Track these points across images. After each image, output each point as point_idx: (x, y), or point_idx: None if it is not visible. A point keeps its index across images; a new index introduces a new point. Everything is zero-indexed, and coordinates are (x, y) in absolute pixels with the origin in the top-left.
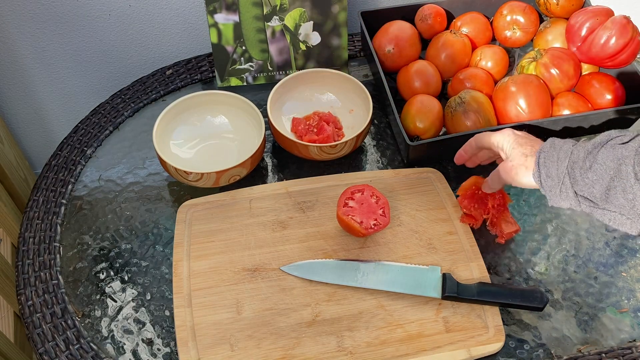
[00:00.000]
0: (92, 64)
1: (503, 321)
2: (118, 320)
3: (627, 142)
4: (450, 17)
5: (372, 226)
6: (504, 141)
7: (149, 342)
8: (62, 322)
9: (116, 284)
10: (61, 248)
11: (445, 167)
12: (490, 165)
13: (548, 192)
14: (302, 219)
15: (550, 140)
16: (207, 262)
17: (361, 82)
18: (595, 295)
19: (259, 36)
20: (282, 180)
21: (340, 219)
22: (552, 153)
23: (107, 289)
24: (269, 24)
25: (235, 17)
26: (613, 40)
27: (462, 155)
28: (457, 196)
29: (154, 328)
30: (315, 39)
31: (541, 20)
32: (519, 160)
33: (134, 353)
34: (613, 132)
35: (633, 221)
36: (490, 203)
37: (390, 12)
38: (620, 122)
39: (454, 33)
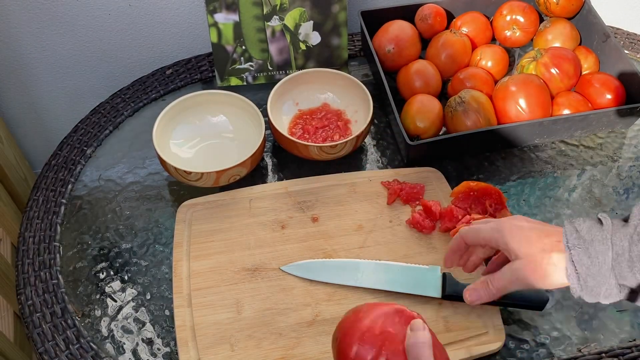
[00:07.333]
0: (91, 64)
1: (503, 321)
2: (118, 320)
3: None
4: (450, 17)
5: None
6: (504, 237)
7: (149, 342)
8: (62, 322)
9: (116, 284)
10: (61, 248)
11: (445, 167)
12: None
13: (588, 293)
14: (302, 218)
15: (569, 226)
16: (207, 262)
17: (361, 82)
18: None
19: (259, 36)
20: (282, 180)
21: None
22: (584, 246)
23: (107, 289)
24: (269, 23)
25: (235, 17)
26: None
27: (451, 257)
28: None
29: (153, 328)
30: (315, 38)
31: (541, 20)
32: (540, 259)
33: (134, 353)
34: None
35: None
36: (488, 202)
37: (390, 12)
38: (620, 122)
39: (454, 33)
